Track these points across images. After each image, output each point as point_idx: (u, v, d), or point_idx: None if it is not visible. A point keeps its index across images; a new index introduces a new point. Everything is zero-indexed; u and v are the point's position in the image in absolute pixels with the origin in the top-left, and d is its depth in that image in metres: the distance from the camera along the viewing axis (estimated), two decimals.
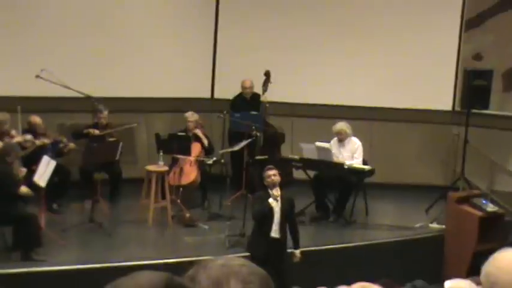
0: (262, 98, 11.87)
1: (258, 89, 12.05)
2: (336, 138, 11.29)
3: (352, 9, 13.14)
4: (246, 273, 2.14)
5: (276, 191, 8.70)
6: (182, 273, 2.21)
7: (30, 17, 11.89)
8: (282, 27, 13.06)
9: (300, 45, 13.05)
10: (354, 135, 11.32)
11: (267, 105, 11.88)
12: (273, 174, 8.69)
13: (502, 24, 13.07)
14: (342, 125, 11.26)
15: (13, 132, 10.27)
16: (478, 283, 3.59)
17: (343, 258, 10.03)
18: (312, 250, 10.06)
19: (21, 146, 10.12)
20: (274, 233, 8.70)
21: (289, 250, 8.99)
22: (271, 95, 11.84)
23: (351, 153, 11.20)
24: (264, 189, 8.82)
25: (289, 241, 9.00)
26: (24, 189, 9.19)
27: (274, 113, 12.13)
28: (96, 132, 10.98)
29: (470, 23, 13.30)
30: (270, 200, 8.66)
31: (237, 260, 2.23)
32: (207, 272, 2.15)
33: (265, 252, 8.54)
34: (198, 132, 11.38)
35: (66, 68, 11.28)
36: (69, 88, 10.79)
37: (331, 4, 13.13)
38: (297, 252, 8.96)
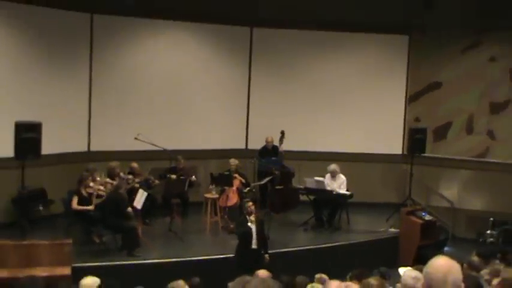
0: (280, 149, 11.85)
1: (276, 142, 12.02)
2: (329, 174, 11.17)
3: (336, 91, 13.26)
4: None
5: (252, 217, 8.44)
6: (229, 264, 2.21)
7: (131, 98, 12.14)
8: (293, 101, 13.20)
9: (306, 114, 13.19)
10: (341, 172, 11.25)
11: (283, 153, 11.87)
12: (250, 205, 8.45)
13: (430, 99, 13.20)
14: (334, 166, 11.18)
15: (121, 174, 10.39)
16: (420, 270, 3.60)
17: (333, 253, 9.96)
18: (312, 248, 10.00)
19: (126, 182, 10.24)
20: (254, 245, 8.41)
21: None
22: (286, 146, 11.79)
23: (339, 185, 11.12)
24: (246, 215, 8.51)
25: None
26: (130, 209, 9.31)
27: (288, 158, 12.06)
28: (173, 176, 11.00)
29: (411, 98, 13.43)
30: (249, 224, 8.41)
31: (270, 280, 2.14)
32: (248, 287, 2.06)
33: (247, 259, 8.16)
34: (237, 176, 11.36)
35: (153, 130, 11.44)
36: (154, 145, 10.91)
37: (324, 85, 13.24)
38: (266, 256, 8.53)
